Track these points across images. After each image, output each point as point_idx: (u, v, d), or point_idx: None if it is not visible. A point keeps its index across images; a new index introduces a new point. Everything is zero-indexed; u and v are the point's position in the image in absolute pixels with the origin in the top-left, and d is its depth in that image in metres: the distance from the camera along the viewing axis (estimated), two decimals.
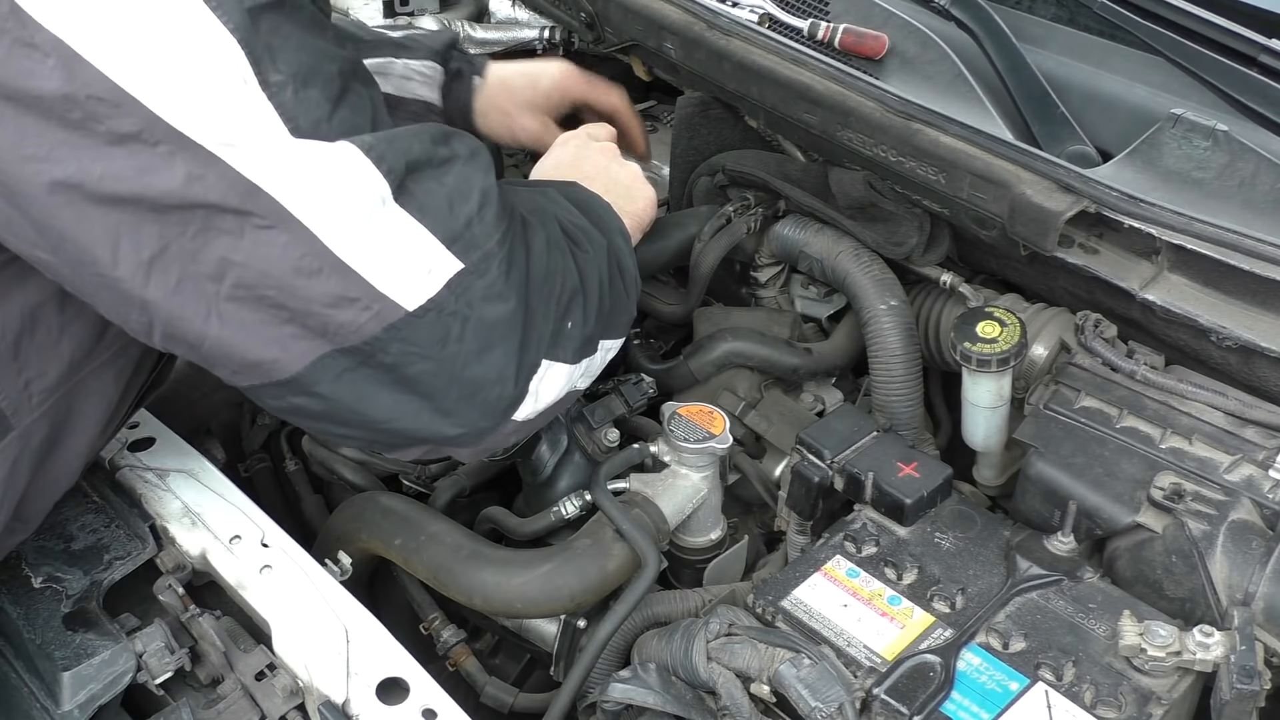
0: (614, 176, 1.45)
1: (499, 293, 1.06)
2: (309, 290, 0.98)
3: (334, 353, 1.02)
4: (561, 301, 1.14)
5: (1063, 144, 1.45)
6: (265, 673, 1.20)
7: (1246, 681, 1.09)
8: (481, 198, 1.05)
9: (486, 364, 1.07)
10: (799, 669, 1.16)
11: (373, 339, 1.01)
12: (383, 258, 1.00)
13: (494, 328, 1.06)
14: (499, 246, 1.06)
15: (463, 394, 1.08)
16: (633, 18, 1.73)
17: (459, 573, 1.36)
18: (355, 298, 1.00)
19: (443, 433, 1.10)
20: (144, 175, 0.94)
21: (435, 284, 1.02)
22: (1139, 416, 1.35)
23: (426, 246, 1.02)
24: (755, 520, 1.62)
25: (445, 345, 1.04)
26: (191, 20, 0.92)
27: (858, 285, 1.56)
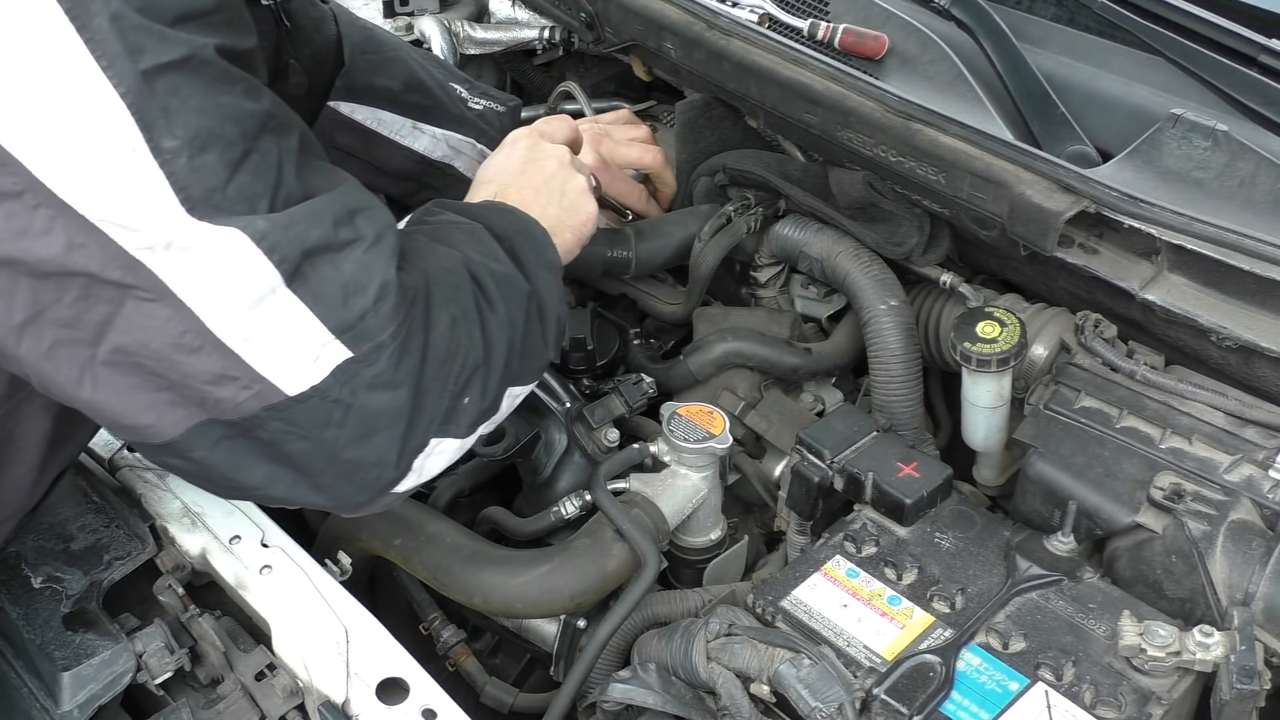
0: (561, 188, 1.39)
1: (387, 382, 1.02)
2: (188, 365, 0.96)
3: (211, 422, 1.00)
4: (460, 379, 1.09)
5: (1063, 144, 1.45)
6: (265, 673, 1.21)
7: (1246, 681, 1.09)
8: (379, 291, 1.01)
9: (367, 448, 1.04)
10: (799, 669, 1.16)
11: (251, 416, 0.99)
12: (268, 342, 0.97)
13: (378, 415, 1.03)
14: (392, 338, 1.01)
15: (340, 473, 1.05)
16: (633, 18, 1.73)
17: (459, 573, 1.36)
18: (235, 377, 0.97)
19: (317, 502, 1.10)
20: (22, 238, 0.91)
21: (320, 371, 0.99)
22: (1139, 416, 1.35)
23: (315, 334, 0.98)
24: (755, 520, 1.62)
25: (325, 429, 1.01)
26: (81, 82, 0.88)
27: (857, 285, 1.56)
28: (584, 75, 2.24)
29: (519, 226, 1.26)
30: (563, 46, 2.23)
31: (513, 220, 1.26)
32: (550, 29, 2.20)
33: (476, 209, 1.28)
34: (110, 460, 1.39)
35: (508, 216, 1.27)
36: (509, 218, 1.27)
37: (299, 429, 1.00)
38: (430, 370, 1.05)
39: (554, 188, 1.38)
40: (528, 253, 1.22)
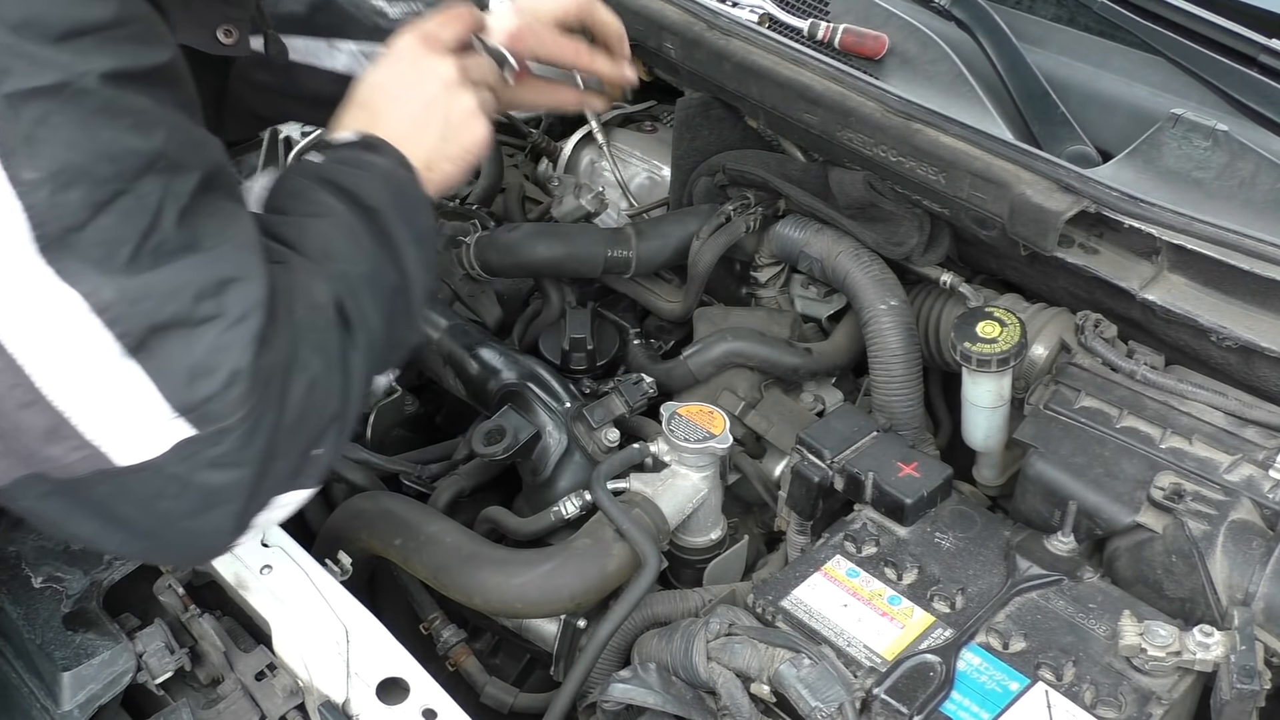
0: (443, 112, 1.23)
1: (232, 462, 0.94)
2: (18, 419, 0.90)
3: (38, 476, 0.93)
4: (314, 436, 1.01)
5: (1063, 144, 1.45)
6: (265, 673, 1.21)
7: (1246, 681, 1.09)
8: (229, 377, 0.92)
9: (203, 521, 0.97)
10: (799, 669, 1.16)
11: (80, 478, 0.92)
12: (102, 410, 0.90)
13: (218, 493, 0.95)
14: (241, 422, 0.93)
15: (172, 540, 1.00)
16: (632, 18, 1.73)
17: (459, 573, 1.37)
18: (66, 438, 0.90)
19: (150, 558, 1.07)
20: None
21: (158, 446, 0.92)
22: (1139, 416, 1.35)
23: (155, 409, 0.91)
24: (755, 520, 1.62)
25: (159, 501, 0.94)
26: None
27: (857, 285, 1.56)
28: None
29: (390, 191, 1.14)
30: None
31: (383, 182, 1.14)
32: None
33: (343, 174, 1.14)
34: None
35: (376, 175, 1.15)
36: (378, 179, 1.14)
37: (130, 497, 0.94)
38: (280, 441, 0.97)
39: (435, 113, 1.23)
40: (398, 226, 1.12)
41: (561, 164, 2.16)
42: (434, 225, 1.22)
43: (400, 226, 1.12)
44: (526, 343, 1.82)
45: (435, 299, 1.79)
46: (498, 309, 1.83)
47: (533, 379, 1.61)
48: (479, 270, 1.76)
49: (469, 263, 1.76)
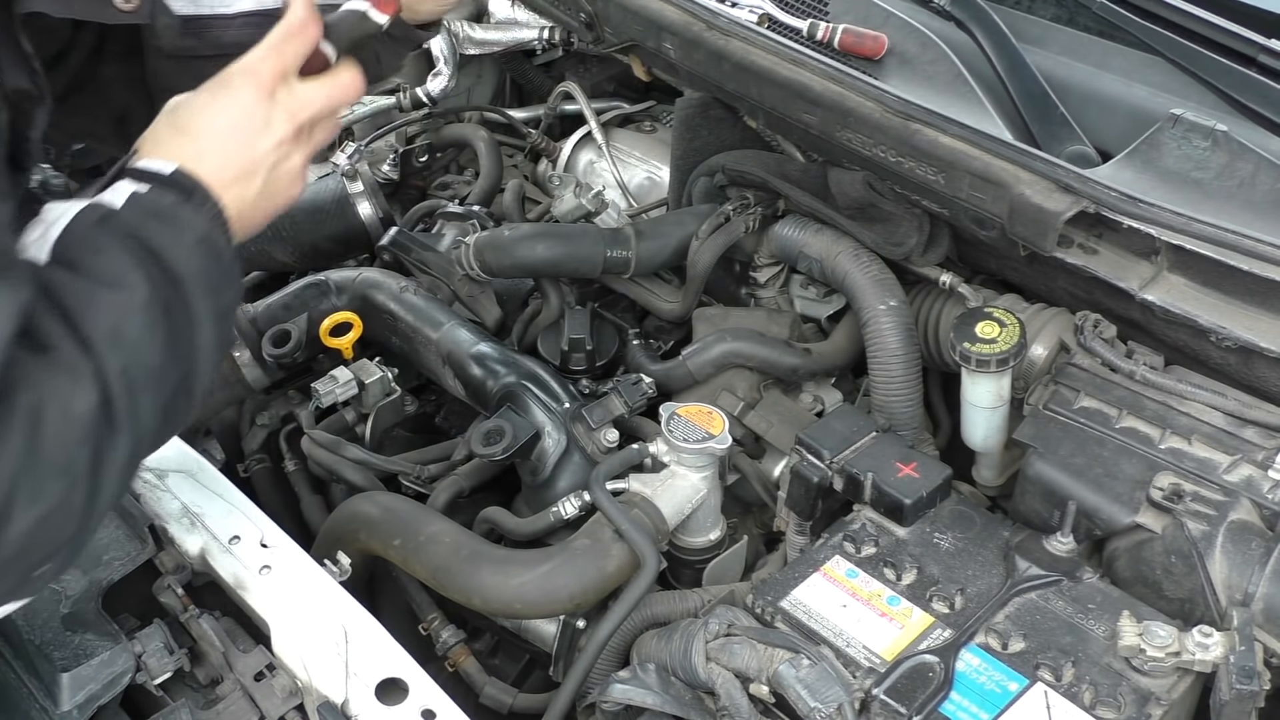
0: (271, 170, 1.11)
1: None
2: None
3: None
4: (38, 564, 0.93)
5: (1062, 144, 1.45)
6: (264, 673, 1.21)
7: (1246, 682, 1.09)
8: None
9: None
10: (798, 669, 1.16)
11: None
12: None
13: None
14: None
15: None
16: (632, 18, 1.73)
17: (458, 573, 1.37)
18: None
19: None
20: None
21: None
22: (1138, 417, 1.35)
23: None
24: (755, 520, 1.62)
25: None
26: None
27: (857, 285, 1.56)
28: (583, 75, 2.25)
29: (202, 258, 1.02)
30: (562, 47, 2.23)
31: (195, 246, 1.01)
32: (550, 29, 2.20)
33: (153, 231, 1.00)
34: None
35: (190, 236, 1.01)
36: (190, 241, 1.01)
37: None
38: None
39: (262, 168, 1.11)
40: (202, 301, 1.01)
41: (561, 164, 2.16)
42: (238, 295, 1.12)
43: (204, 300, 1.01)
44: (526, 343, 1.82)
45: (435, 299, 1.79)
46: (497, 309, 1.83)
47: (532, 379, 1.61)
48: (478, 271, 1.76)
49: (468, 263, 1.76)
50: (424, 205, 2.11)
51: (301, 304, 1.79)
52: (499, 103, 2.43)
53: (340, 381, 1.70)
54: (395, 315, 1.76)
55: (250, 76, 1.10)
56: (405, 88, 2.18)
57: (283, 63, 1.12)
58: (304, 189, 1.17)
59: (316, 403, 1.71)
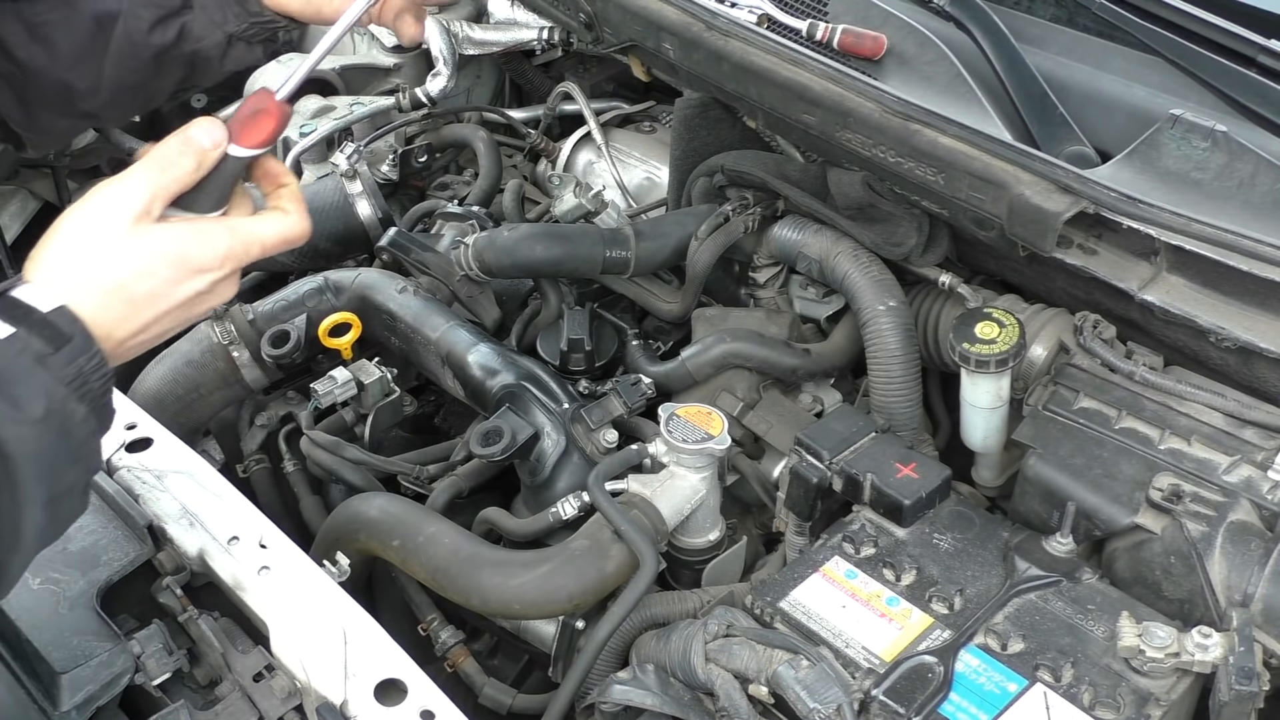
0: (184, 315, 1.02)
1: None
2: None
3: None
4: None
5: (1061, 144, 1.45)
6: (263, 674, 1.20)
7: (1245, 683, 1.09)
8: None
9: None
10: (797, 670, 1.16)
11: None
12: None
13: None
14: None
15: None
16: (631, 18, 1.73)
17: (457, 574, 1.36)
18: None
19: None
20: None
21: None
22: (1138, 417, 1.35)
23: None
24: (754, 521, 1.62)
25: None
26: None
27: (856, 286, 1.56)
28: (583, 75, 2.25)
29: (44, 438, 0.89)
30: (561, 47, 2.23)
31: (37, 426, 0.88)
32: (549, 29, 2.20)
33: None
34: (108, 461, 1.39)
35: (35, 414, 0.88)
36: (31, 420, 0.88)
37: None
38: None
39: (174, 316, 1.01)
40: (31, 484, 0.88)
41: (560, 164, 2.16)
42: (89, 468, 0.96)
43: (34, 485, 0.88)
44: (525, 343, 1.82)
45: (434, 299, 1.79)
46: (496, 310, 1.83)
47: (531, 380, 1.61)
48: (478, 271, 1.76)
49: (468, 263, 1.76)
50: (423, 205, 2.11)
51: (300, 304, 1.79)
52: (498, 103, 2.43)
53: (339, 382, 1.70)
54: (394, 315, 1.75)
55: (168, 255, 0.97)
56: (405, 88, 2.18)
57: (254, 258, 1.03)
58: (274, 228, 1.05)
59: (315, 403, 1.70)
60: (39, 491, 0.89)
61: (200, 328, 1.77)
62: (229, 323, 1.74)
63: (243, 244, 1.02)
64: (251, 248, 1.02)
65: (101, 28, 1.19)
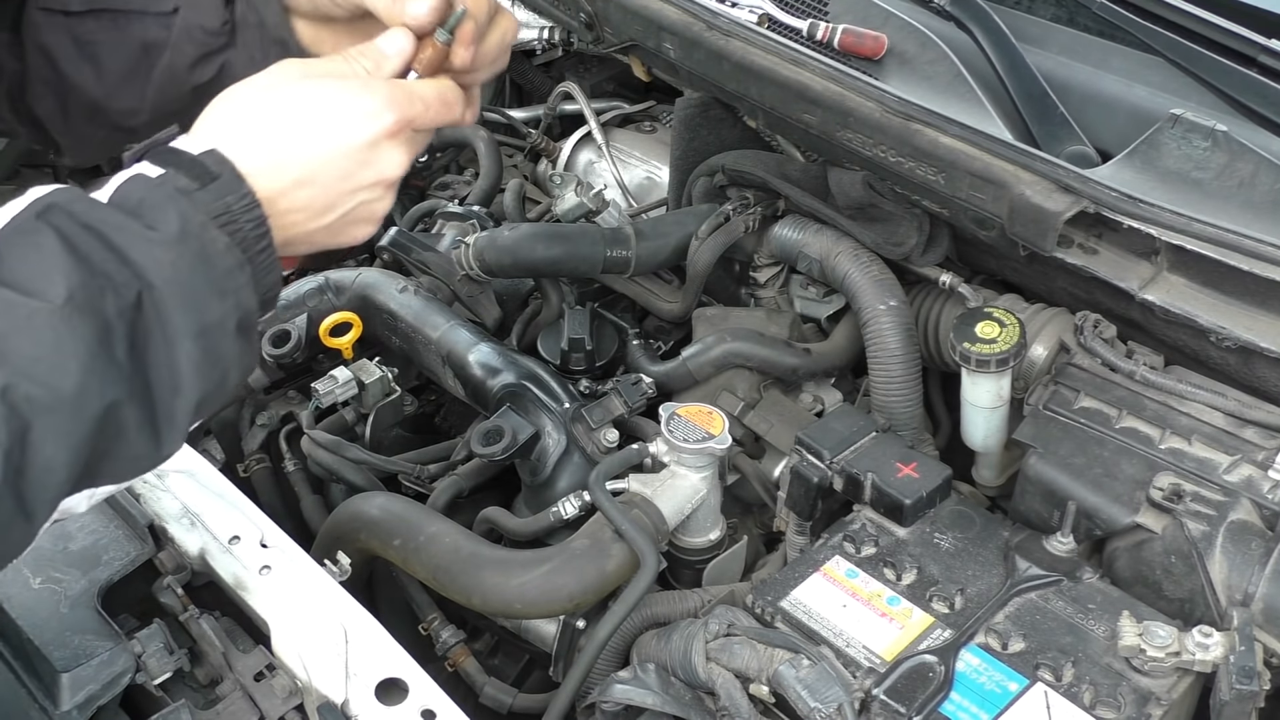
0: (353, 210, 1.00)
1: None
2: None
3: None
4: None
5: (1062, 144, 1.45)
6: (264, 673, 1.20)
7: (1246, 682, 1.09)
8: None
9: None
10: (798, 669, 1.16)
11: None
12: None
13: None
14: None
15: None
16: (632, 18, 1.73)
17: (458, 573, 1.36)
18: None
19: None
20: None
21: None
22: (1138, 417, 1.35)
23: None
24: (755, 521, 1.62)
25: None
26: None
27: (857, 285, 1.56)
28: (583, 75, 2.25)
29: (182, 262, 0.87)
30: (562, 46, 2.23)
31: (174, 247, 0.87)
32: (550, 29, 2.20)
33: (114, 226, 0.86)
34: None
35: (170, 235, 0.87)
36: (166, 240, 0.86)
37: None
38: None
39: (344, 206, 1.00)
40: (175, 313, 0.86)
41: (560, 164, 2.16)
42: (246, 306, 0.92)
43: (179, 315, 0.86)
44: (525, 343, 1.82)
45: (435, 299, 1.79)
46: (497, 309, 1.83)
47: (532, 379, 1.61)
48: (478, 271, 1.76)
49: (468, 263, 1.76)
50: (424, 205, 2.11)
51: (301, 304, 1.79)
52: (499, 103, 2.43)
53: (340, 381, 1.70)
54: (395, 315, 1.76)
55: (382, 114, 0.97)
56: None
57: (416, 119, 1.01)
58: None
59: (316, 403, 1.71)
60: (186, 322, 0.86)
61: None
62: None
63: (405, 94, 1.00)
64: (415, 102, 1.00)
65: (147, 54, 1.19)
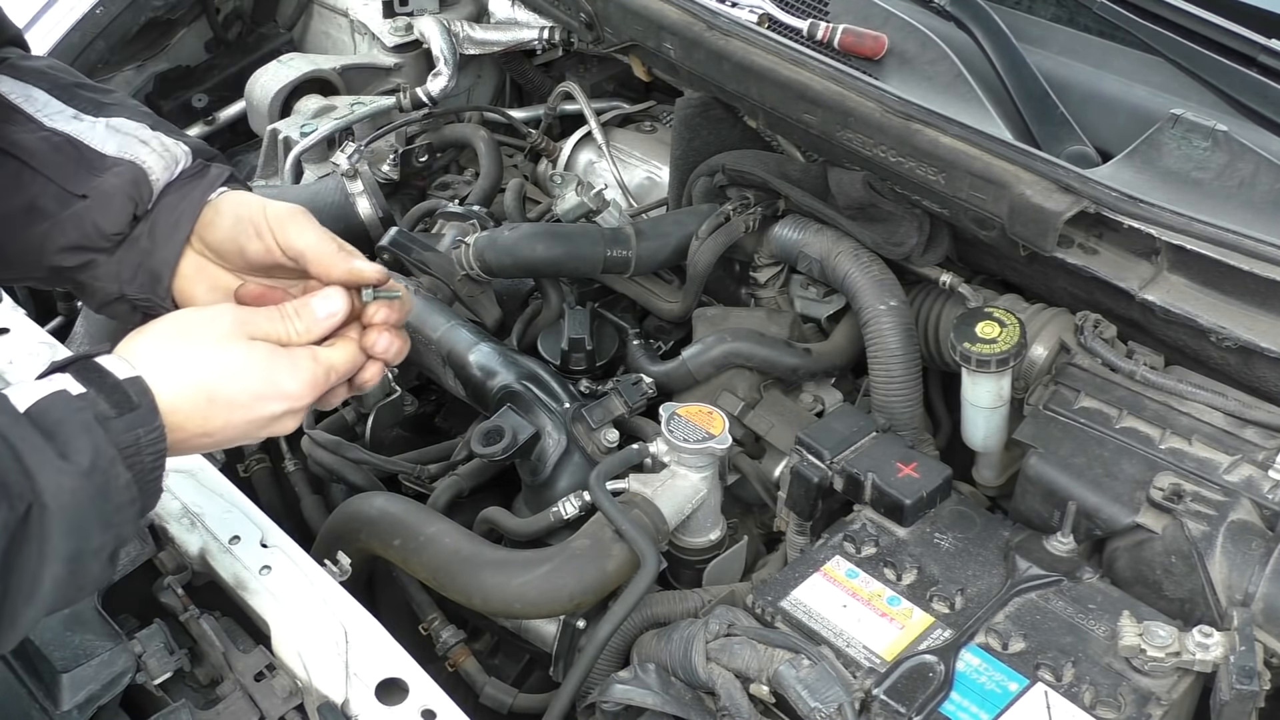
0: (262, 429, 1.03)
1: None
2: None
3: None
4: None
5: (1062, 144, 1.45)
6: (264, 673, 1.20)
7: (1246, 682, 1.09)
8: None
9: None
10: (798, 669, 1.16)
11: None
12: None
13: None
14: None
15: None
16: (632, 18, 1.73)
17: (458, 573, 1.37)
18: None
19: None
20: None
21: None
22: (1138, 417, 1.35)
23: None
24: (755, 521, 1.62)
25: None
26: None
27: (857, 285, 1.56)
28: (583, 75, 2.25)
29: (83, 494, 0.88)
30: (562, 47, 2.23)
31: (81, 479, 0.88)
32: (550, 29, 2.20)
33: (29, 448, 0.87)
34: None
35: (81, 466, 0.88)
36: (76, 472, 0.88)
37: None
38: None
39: (253, 430, 1.03)
40: (59, 539, 0.88)
41: (561, 164, 2.16)
42: (122, 536, 0.94)
43: (62, 540, 0.88)
44: (526, 343, 1.82)
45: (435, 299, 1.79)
46: (497, 309, 1.83)
47: (532, 379, 1.61)
48: (479, 270, 1.76)
49: (468, 263, 1.76)
50: (424, 205, 2.11)
51: None
52: (499, 103, 2.43)
53: None
54: None
55: (294, 400, 1.01)
56: (405, 88, 2.18)
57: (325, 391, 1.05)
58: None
59: None
60: (65, 546, 0.88)
61: None
62: None
63: (323, 373, 1.04)
64: (329, 377, 1.05)
65: (29, 215, 1.16)
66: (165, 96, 2.37)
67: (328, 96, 2.24)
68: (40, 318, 1.75)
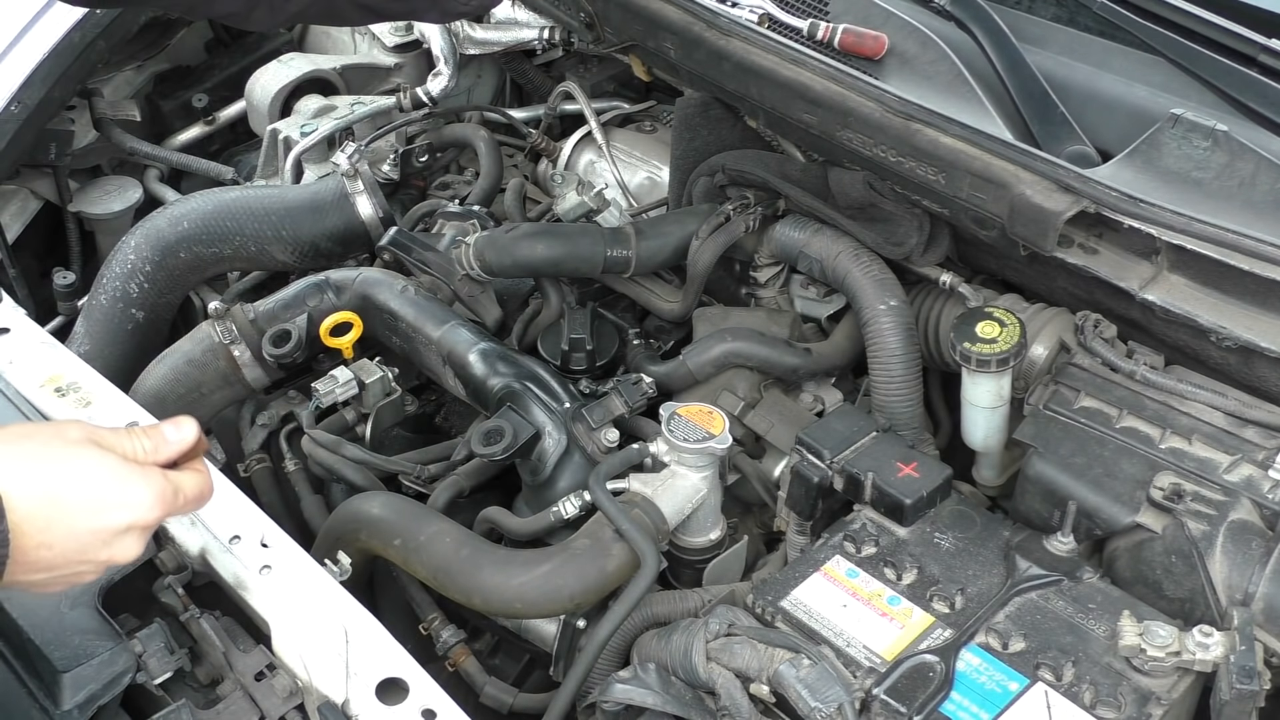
0: (106, 553, 0.98)
1: None
2: None
3: None
4: None
5: (1062, 144, 1.45)
6: (265, 673, 1.20)
7: (1246, 681, 1.09)
8: None
9: None
10: (798, 669, 1.16)
11: None
12: None
13: None
14: None
15: None
16: (632, 18, 1.73)
17: (458, 573, 1.37)
18: None
19: None
20: None
21: None
22: (1139, 417, 1.35)
23: None
24: (755, 520, 1.62)
25: None
26: None
27: (857, 285, 1.56)
28: (584, 75, 2.25)
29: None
30: (562, 46, 2.23)
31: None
32: (550, 29, 2.20)
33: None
34: None
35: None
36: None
37: None
38: None
39: (62, 573, 0.98)
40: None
41: (561, 164, 2.16)
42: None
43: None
44: (526, 343, 1.82)
45: (435, 299, 1.79)
46: (497, 309, 1.83)
47: (532, 379, 1.61)
48: (479, 270, 1.76)
49: (469, 263, 1.76)
50: (424, 205, 2.11)
51: (301, 303, 1.79)
52: (499, 103, 2.43)
53: (340, 381, 1.70)
54: (395, 315, 1.76)
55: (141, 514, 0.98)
56: (405, 88, 2.18)
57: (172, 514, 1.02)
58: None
59: (316, 402, 1.71)
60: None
61: (202, 326, 1.77)
62: (230, 321, 1.75)
63: (172, 490, 1.01)
64: (177, 497, 1.02)
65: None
66: (165, 96, 2.38)
67: (328, 96, 2.24)
68: (40, 318, 1.75)
